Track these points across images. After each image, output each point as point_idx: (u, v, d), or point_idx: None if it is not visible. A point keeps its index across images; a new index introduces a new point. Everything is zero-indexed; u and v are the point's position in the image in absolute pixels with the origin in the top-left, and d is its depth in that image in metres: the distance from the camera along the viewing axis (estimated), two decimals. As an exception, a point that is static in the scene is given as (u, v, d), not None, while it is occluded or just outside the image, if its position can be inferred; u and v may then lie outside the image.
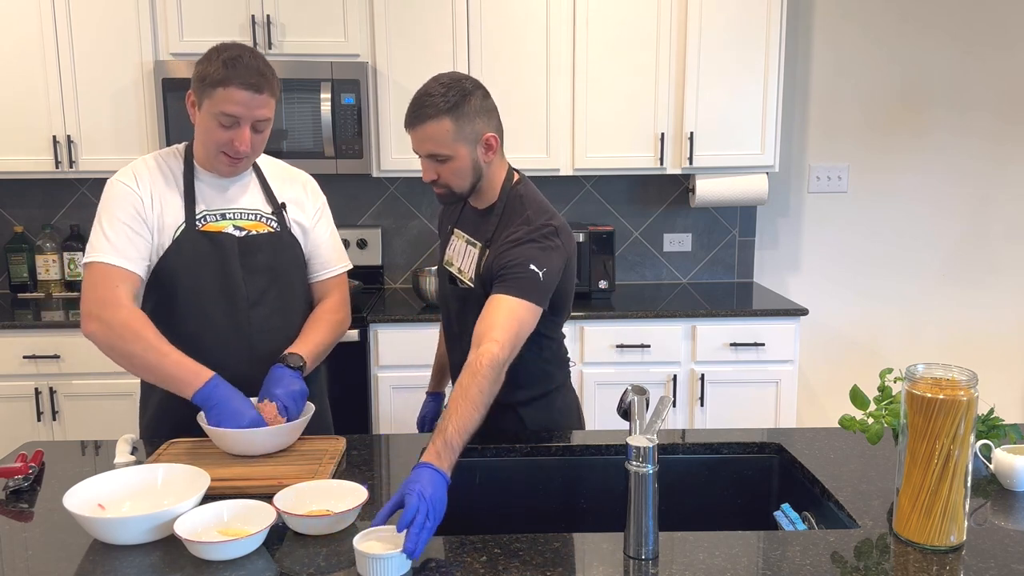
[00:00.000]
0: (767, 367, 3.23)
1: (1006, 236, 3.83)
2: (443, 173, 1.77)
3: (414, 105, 1.74)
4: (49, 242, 3.56)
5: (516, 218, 1.80)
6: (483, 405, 1.55)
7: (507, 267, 1.71)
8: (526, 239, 1.74)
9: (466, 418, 1.52)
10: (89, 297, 1.71)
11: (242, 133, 1.72)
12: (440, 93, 1.71)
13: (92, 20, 3.18)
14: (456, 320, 1.91)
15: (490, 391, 1.57)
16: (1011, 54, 3.70)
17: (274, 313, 1.84)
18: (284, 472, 1.57)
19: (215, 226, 1.80)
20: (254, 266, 1.82)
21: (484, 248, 1.82)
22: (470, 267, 1.86)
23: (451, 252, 1.96)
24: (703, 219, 3.77)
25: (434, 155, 1.75)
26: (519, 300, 1.67)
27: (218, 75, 1.68)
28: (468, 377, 1.56)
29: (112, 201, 1.76)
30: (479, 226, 1.88)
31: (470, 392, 1.54)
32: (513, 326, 1.64)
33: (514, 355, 1.64)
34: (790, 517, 1.56)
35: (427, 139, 1.74)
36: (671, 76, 3.31)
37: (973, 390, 1.28)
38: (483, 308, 1.69)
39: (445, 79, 1.74)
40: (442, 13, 3.24)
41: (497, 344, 1.60)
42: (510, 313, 1.66)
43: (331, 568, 1.26)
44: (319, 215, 1.95)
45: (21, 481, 1.57)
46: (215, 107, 1.70)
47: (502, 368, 1.60)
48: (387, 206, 3.72)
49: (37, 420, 3.13)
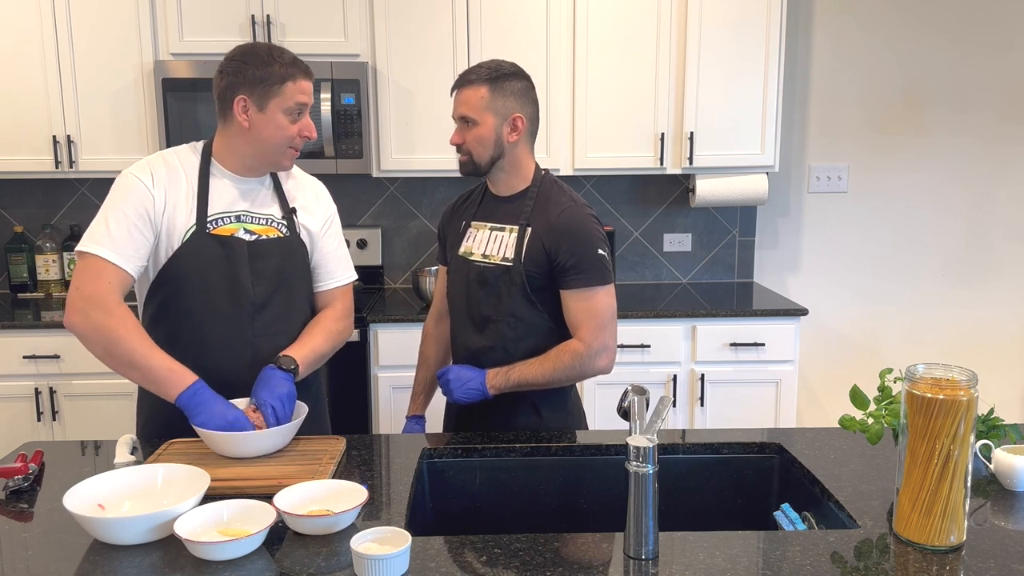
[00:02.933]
0: (767, 367, 3.23)
1: (1006, 236, 3.83)
2: (468, 138, 1.89)
3: (462, 73, 1.91)
4: (49, 242, 3.56)
5: (555, 201, 1.91)
6: (551, 378, 1.87)
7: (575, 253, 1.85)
8: (584, 226, 1.88)
9: (532, 374, 1.87)
10: (79, 291, 1.70)
11: (307, 120, 1.80)
12: (488, 67, 1.89)
13: (92, 20, 3.18)
14: (483, 303, 1.94)
15: (564, 375, 1.88)
16: (1011, 54, 3.70)
17: (278, 318, 1.84)
18: (284, 472, 1.57)
19: (226, 229, 1.80)
20: (262, 271, 1.82)
21: (523, 228, 1.90)
22: (502, 248, 1.92)
23: (469, 243, 1.99)
24: (703, 219, 3.77)
25: (464, 118, 1.88)
26: (598, 288, 1.87)
27: (281, 71, 1.74)
28: (555, 353, 1.87)
29: (122, 194, 1.75)
30: (507, 212, 1.95)
31: (546, 363, 1.87)
32: (595, 319, 1.87)
33: (610, 342, 1.90)
34: (790, 517, 1.56)
35: (463, 102, 1.88)
36: (671, 76, 3.31)
37: (973, 390, 1.28)
38: (567, 303, 1.88)
39: (497, 61, 1.91)
40: (442, 13, 3.24)
41: (583, 344, 1.87)
42: (591, 308, 1.87)
43: (331, 568, 1.26)
44: (328, 224, 1.95)
45: (21, 481, 1.57)
46: (286, 102, 1.75)
47: (582, 361, 1.87)
48: (387, 206, 3.72)
49: (37, 420, 3.13)
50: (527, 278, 1.88)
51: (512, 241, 1.90)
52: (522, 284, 1.88)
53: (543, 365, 1.87)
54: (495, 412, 1.94)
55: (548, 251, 1.86)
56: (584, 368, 1.88)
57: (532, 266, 1.87)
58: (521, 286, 1.88)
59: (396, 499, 1.53)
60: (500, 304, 1.91)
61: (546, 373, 1.87)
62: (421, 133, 3.31)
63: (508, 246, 1.91)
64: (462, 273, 1.98)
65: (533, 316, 1.91)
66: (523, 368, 1.87)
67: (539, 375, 1.87)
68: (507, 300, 1.90)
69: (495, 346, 1.93)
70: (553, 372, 1.87)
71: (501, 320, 1.91)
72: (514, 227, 1.91)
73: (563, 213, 1.88)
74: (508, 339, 1.92)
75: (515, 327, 1.91)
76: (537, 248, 1.87)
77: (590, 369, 1.89)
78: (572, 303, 1.88)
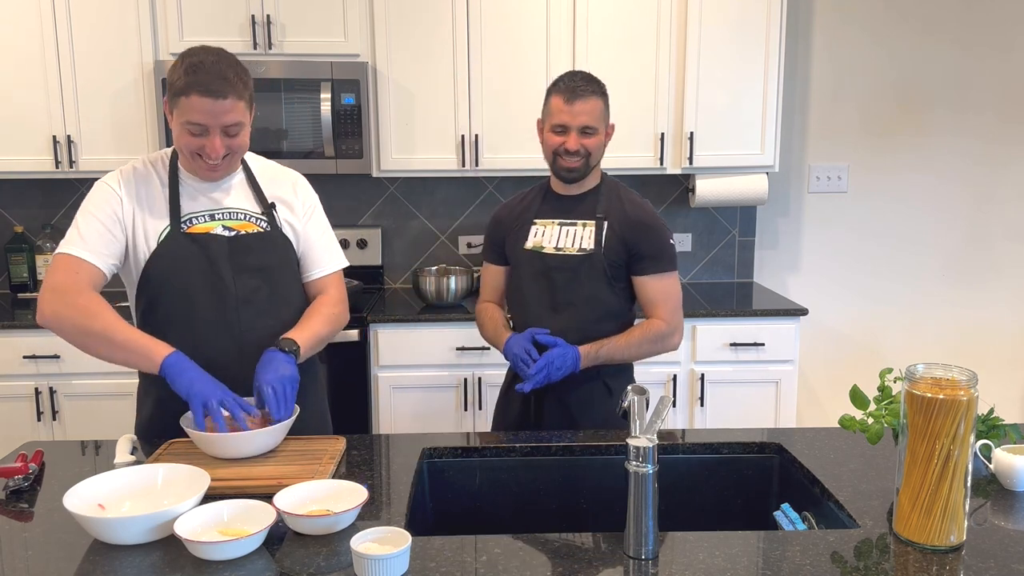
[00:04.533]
0: (767, 367, 3.23)
1: (1006, 236, 3.83)
2: (589, 145, 2.03)
3: (577, 80, 2.02)
4: (49, 242, 3.56)
5: (625, 197, 2.11)
6: (634, 354, 2.07)
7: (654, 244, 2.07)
8: (656, 219, 2.10)
9: (618, 350, 2.05)
10: (49, 283, 1.70)
11: (212, 141, 1.71)
12: (593, 79, 2.04)
13: (92, 20, 3.18)
14: (562, 289, 2.08)
15: (648, 350, 2.08)
16: (1011, 54, 3.69)
17: (265, 312, 1.84)
18: (284, 472, 1.57)
19: (203, 227, 1.81)
20: (244, 266, 1.82)
21: (601, 221, 2.08)
22: (577, 241, 2.08)
23: (538, 238, 2.12)
24: (703, 219, 3.77)
25: (587, 127, 2.01)
26: (672, 273, 2.10)
27: (180, 83, 1.67)
28: (640, 331, 2.07)
29: (92, 200, 1.79)
30: (576, 207, 2.11)
31: (632, 339, 2.06)
32: (671, 300, 2.09)
33: (682, 323, 2.12)
34: (790, 517, 1.56)
35: (587, 112, 2.01)
36: (671, 76, 3.31)
37: (973, 390, 1.28)
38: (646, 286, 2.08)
39: (590, 73, 2.06)
40: (442, 13, 3.24)
41: (664, 322, 2.08)
42: (667, 290, 2.09)
43: (331, 568, 1.26)
44: (309, 214, 1.94)
45: (21, 481, 1.57)
46: (182, 116, 1.69)
47: (664, 338, 2.08)
48: (387, 206, 3.72)
49: (37, 420, 3.13)
50: (607, 265, 2.05)
51: (588, 234, 2.07)
52: (603, 269, 2.05)
53: (629, 342, 2.05)
54: (567, 395, 2.06)
55: (627, 242, 2.05)
56: (664, 344, 2.09)
57: (612, 255, 2.05)
58: (603, 271, 2.05)
59: (396, 499, 1.53)
60: (580, 288, 2.06)
61: (631, 348, 2.06)
62: (421, 133, 3.31)
63: (584, 238, 2.07)
64: (533, 265, 2.11)
65: (611, 299, 2.08)
66: (611, 345, 2.04)
67: (625, 351, 2.06)
68: (588, 284, 2.06)
69: (574, 327, 2.05)
70: (639, 348, 2.06)
71: (581, 304, 2.07)
72: (588, 221, 2.08)
73: (636, 207, 2.09)
74: (587, 320, 2.06)
75: (595, 309, 2.07)
76: (615, 239, 2.05)
77: (668, 345, 2.10)
78: (651, 286, 2.08)
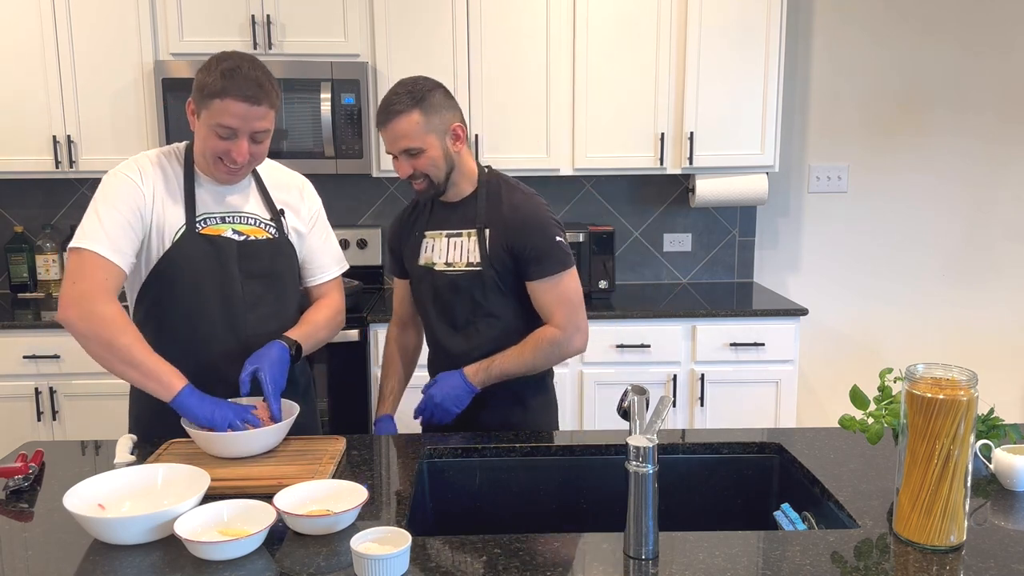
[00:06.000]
0: (767, 367, 3.23)
1: (1006, 236, 3.83)
2: (419, 166, 1.86)
3: (383, 106, 1.84)
4: (49, 242, 3.56)
5: (504, 198, 1.93)
6: (530, 365, 1.92)
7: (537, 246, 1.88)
8: (537, 217, 1.91)
9: (512, 364, 1.90)
10: (75, 286, 1.67)
11: (239, 145, 1.71)
12: (405, 91, 1.83)
13: (92, 20, 3.18)
14: (458, 308, 1.96)
15: (543, 360, 1.93)
16: (1011, 54, 3.69)
17: (269, 317, 1.85)
18: (284, 472, 1.57)
19: (215, 229, 1.80)
20: (252, 271, 1.82)
21: (481, 230, 1.91)
22: (465, 254, 1.93)
23: (428, 253, 1.99)
24: (703, 219, 3.77)
25: (408, 150, 1.84)
26: (563, 274, 1.91)
27: (216, 86, 1.66)
28: (532, 340, 1.91)
29: (113, 191, 1.74)
30: (460, 216, 1.96)
31: (525, 351, 1.91)
32: (565, 304, 1.92)
33: (582, 323, 1.94)
34: (790, 517, 1.56)
35: (399, 135, 1.83)
36: (671, 76, 3.31)
37: (973, 390, 1.28)
38: (536, 292, 1.92)
39: (407, 81, 1.86)
40: (442, 13, 3.24)
41: (559, 329, 1.91)
42: (559, 294, 1.92)
43: (331, 568, 1.26)
44: (314, 219, 1.95)
45: (21, 481, 1.57)
46: (212, 118, 1.68)
47: (559, 344, 1.91)
48: (387, 206, 3.72)
49: (37, 420, 3.13)
50: (498, 277, 1.91)
51: (473, 245, 1.92)
52: (495, 285, 1.92)
53: (522, 354, 1.91)
54: (481, 411, 1.95)
55: (509, 248, 1.90)
56: (562, 351, 1.94)
57: (499, 265, 1.91)
58: (494, 287, 1.92)
59: (396, 499, 1.53)
60: (477, 307, 1.94)
61: (526, 362, 1.91)
62: (421, 133, 3.31)
63: (470, 251, 1.92)
64: (427, 283, 1.99)
65: (509, 312, 1.95)
66: (503, 360, 1.91)
67: (519, 364, 1.91)
68: (483, 303, 1.93)
69: (477, 346, 1.95)
70: (533, 360, 1.92)
71: (479, 321, 1.95)
72: (471, 231, 1.93)
73: (515, 208, 1.91)
74: (488, 338, 1.95)
75: (494, 325, 1.95)
76: (499, 247, 1.90)
77: (567, 351, 1.95)
78: (541, 292, 1.92)
